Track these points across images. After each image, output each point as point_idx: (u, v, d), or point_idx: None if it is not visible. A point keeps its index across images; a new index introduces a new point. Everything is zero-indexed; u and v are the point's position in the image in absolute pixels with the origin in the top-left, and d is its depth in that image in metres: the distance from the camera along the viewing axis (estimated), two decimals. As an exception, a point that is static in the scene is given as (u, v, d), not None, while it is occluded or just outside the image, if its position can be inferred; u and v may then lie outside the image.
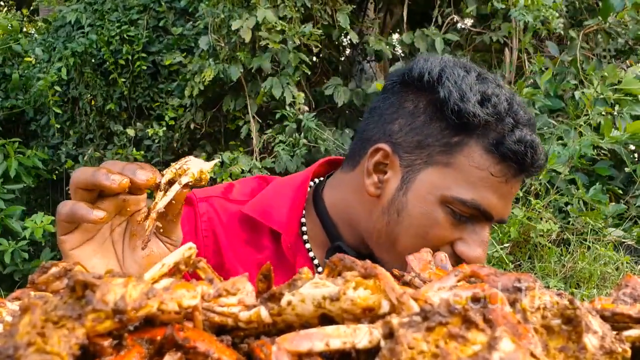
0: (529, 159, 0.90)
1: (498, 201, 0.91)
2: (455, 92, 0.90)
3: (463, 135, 0.92)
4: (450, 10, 4.59)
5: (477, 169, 0.90)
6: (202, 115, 4.77)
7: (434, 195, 0.92)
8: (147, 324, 0.41)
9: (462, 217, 0.91)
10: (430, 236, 0.92)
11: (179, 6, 5.11)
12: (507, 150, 0.89)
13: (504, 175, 0.90)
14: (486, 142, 0.90)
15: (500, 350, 0.35)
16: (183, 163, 0.69)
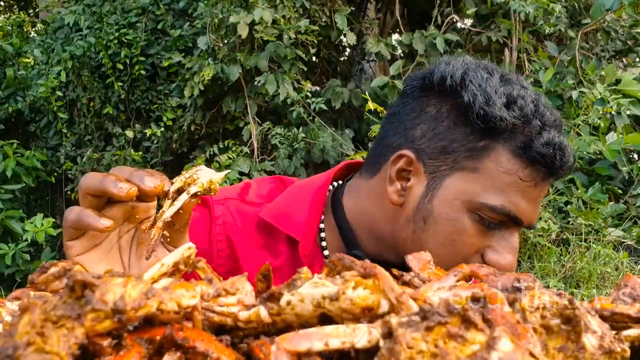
0: (558, 162, 0.88)
1: (527, 206, 0.88)
2: (480, 96, 0.88)
3: (490, 139, 0.89)
4: (449, 10, 4.60)
5: (505, 173, 0.88)
6: (201, 115, 4.77)
7: (461, 201, 0.89)
8: (147, 324, 0.41)
9: (491, 224, 0.88)
10: (459, 244, 0.89)
11: (178, 7, 5.11)
12: (536, 154, 0.87)
13: (533, 179, 0.88)
14: (514, 145, 0.88)
15: (499, 350, 0.35)
16: (193, 172, 0.68)
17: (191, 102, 4.65)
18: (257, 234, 1.03)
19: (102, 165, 5.16)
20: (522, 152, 0.88)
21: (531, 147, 0.87)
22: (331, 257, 0.48)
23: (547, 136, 0.88)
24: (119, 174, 0.66)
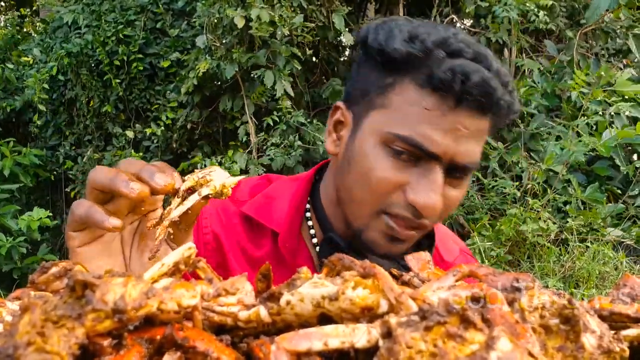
0: (458, 86, 0.84)
1: (441, 137, 0.85)
2: (382, 34, 0.90)
3: (395, 75, 0.90)
4: (448, 9, 4.60)
5: (411, 105, 0.87)
6: (198, 114, 4.78)
7: (374, 136, 0.90)
8: (147, 324, 0.41)
9: (405, 157, 0.87)
10: (374, 180, 0.88)
11: (177, 7, 5.11)
12: (437, 81, 0.85)
13: (439, 107, 0.86)
14: (418, 77, 0.87)
15: (498, 349, 0.35)
16: (207, 173, 0.66)
17: (187, 99, 4.66)
18: (241, 228, 1.04)
19: (103, 164, 5.16)
20: (426, 82, 0.86)
21: (432, 75, 0.85)
22: (330, 258, 0.48)
23: (450, 64, 0.85)
24: (128, 168, 0.64)
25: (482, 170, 3.96)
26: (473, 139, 0.88)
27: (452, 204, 0.92)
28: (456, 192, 0.92)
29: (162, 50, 5.04)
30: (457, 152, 0.87)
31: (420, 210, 0.86)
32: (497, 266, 3.23)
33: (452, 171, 0.89)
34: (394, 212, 0.89)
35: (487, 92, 0.84)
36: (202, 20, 4.39)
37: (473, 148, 0.88)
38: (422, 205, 0.86)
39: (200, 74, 4.19)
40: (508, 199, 3.56)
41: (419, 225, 0.90)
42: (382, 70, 0.91)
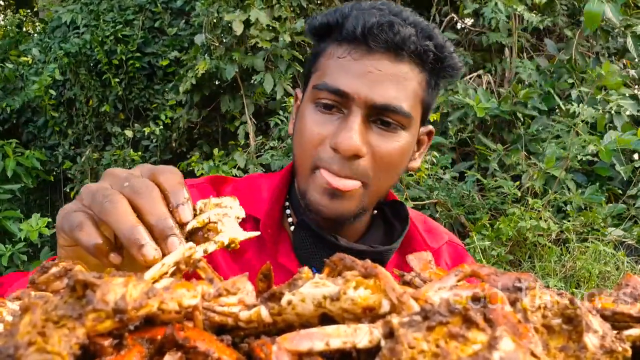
0: (360, 30, 0.91)
1: (354, 79, 0.91)
2: (318, 16, 1.01)
3: (322, 42, 0.99)
4: (447, 8, 4.60)
5: (329, 59, 0.96)
6: (197, 113, 4.78)
7: (308, 100, 0.98)
8: (148, 324, 0.41)
9: (328, 108, 0.93)
10: (304, 138, 0.95)
11: (175, 6, 5.12)
12: (345, 32, 0.93)
13: (351, 54, 0.93)
14: (336, 37, 0.96)
15: (501, 349, 0.35)
16: (218, 217, 0.59)
17: (186, 98, 4.66)
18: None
19: (102, 165, 5.16)
20: (339, 37, 0.95)
21: (342, 29, 0.94)
22: (332, 257, 0.48)
23: (356, 14, 0.94)
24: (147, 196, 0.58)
25: (482, 170, 3.96)
26: (390, 82, 0.92)
27: (389, 158, 0.94)
28: (389, 145, 0.94)
29: (160, 49, 5.04)
30: (372, 93, 0.91)
31: (341, 151, 0.91)
32: (499, 266, 3.23)
33: (375, 116, 0.93)
34: (323, 164, 0.93)
35: (391, 35, 0.91)
36: (201, 19, 4.40)
37: (391, 90, 0.92)
38: (339, 145, 0.90)
39: (199, 74, 4.19)
40: (508, 199, 3.57)
41: (350, 172, 0.92)
42: (314, 43, 1.02)
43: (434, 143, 3.86)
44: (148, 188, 0.58)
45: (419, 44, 0.93)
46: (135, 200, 0.57)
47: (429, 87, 0.98)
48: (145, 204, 0.57)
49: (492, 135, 4.21)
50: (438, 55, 0.95)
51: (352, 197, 0.94)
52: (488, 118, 3.95)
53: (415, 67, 0.94)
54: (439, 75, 0.99)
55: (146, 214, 0.57)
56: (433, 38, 0.95)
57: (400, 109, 0.92)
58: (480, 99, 3.92)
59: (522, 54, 4.52)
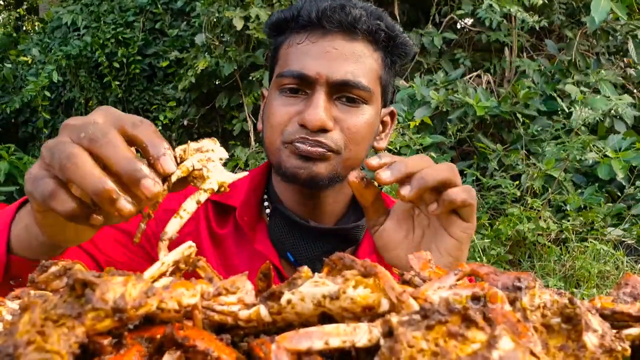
0: (314, 14, 0.99)
1: (313, 61, 0.98)
2: (274, 14, 1.07)
3: (280, 35, 1.06)
4: (447, 8, 4.60)
5: (289, 47, 1.02)
6: (195, 111, 4.78)
7: (272, 90, 1.03)
8: (147, 323, 0.41)
9: (292, 91, 0.99)
10: (273, 120, 1.00)
11: (176, 7, 5.11)
12: (301, 19, 1.01)
13: (308, 38, 1.00)
14: (293, 28, 1.03)
15: (500, 348, 0.35)
16: (204, 162, 0.56)
17: (184, 96, 4.67)
18: (211, 210, 1.11)
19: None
20: (296, 26, 1.02)
21: (298, 18, 1.01)
22: (331, 257, 0.48)
23: (309, 2, 1.01)
24: (117, 146, 0.54)
25: (481, 170, 3.96)
26: (348, 59, 0.99)
27: (356, 129, 1.00)
28: (355, 118, 1.00)
29: (161, 50, 5.04)
30: (331, 71, 0.97)
31: (308, 126, 0.96)
32: (498, 265, 3.23)
33: (337, 93, 0.99)
34: (292, 138, 0.98)
35: (343, 15, 0.98)
36: (201, 19, 4.41)
37: (349, 67, 0.98)
38: (306, 120, 0.95)
39: (198, 72, 4.21)
40: (508, 198, 3.56)
41: (318, 142, 0.97)
42: (274, 39, 1.07)
43: (433, 142, 3.85)
44: (106, 134, 0.54)
45: (370, 23, 1.00)
46: (94, 150, 0.53)
47: (385, 65, 1.05)
48: (106, 151, 0.53)
49: (492, 135, 4.21)
50: (389, 34, 1.02)
51: (325, 160, 0.99)
52: (488, 117, 3.95)
53: (370, 45, 1.01)
54: (393, 54, 1.05)
55: (109, 163, 0.53)
56: (383, 19, 1.03)
57: (359, 84, 0.98)
58: (480, 98, 3.92)
59: (522, 53, 4.52)
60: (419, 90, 4.06)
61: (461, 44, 4.71)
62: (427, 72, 4.60)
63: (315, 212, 1.08)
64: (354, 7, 0.99)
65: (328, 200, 1.08)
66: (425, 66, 4.61)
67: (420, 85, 4.13)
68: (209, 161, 0.57)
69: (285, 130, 0.99)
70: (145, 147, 0.55)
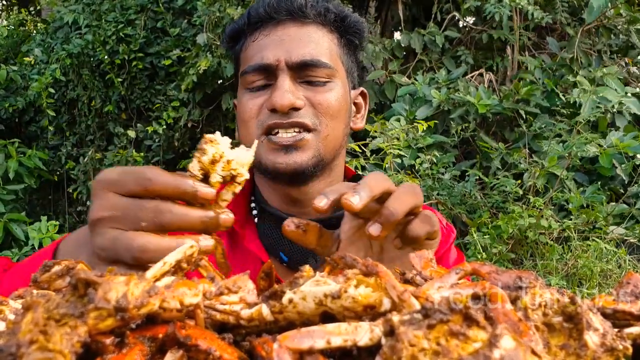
0: (262, 9, 1.02)
1: (271, 50, 1.00)
2: (227, 28, 1.12)
3: (240, 40, 1.08)
4: (448, 6, 4.59)
5: (247, 48, 1.05)
6: (199, 112, 4.78)
7: (240, 90, 1.06)
8: (149, 322, 0.41)
9: (257, 84, 1.01)
10: (244, 115, 1.02)
11: (177, 6, 5.11)
12: (252, 18, 1.04)
13: (262, 33, 1.03)
14: (249, 30, 1.06)
15: (501, 347, 0.35)
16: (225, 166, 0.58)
17: (188, 96, 4.67)
18: None
19: (104, 165, 5.17)
20: (250, 27, 1.05)
21: (249, 20, 1.05)
22: (333, 256, 0.48)
23: (256, 2, 1.05)
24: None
25: (484, 169, 3.95)
26: (303, 42, 1.01)
27: (328, 104, 1.01)
28: (324, 95, 1.01)
29: (163, 49, 5.04)
30: (290, 55, 0.99)
31: (277, 108, 0.97)
32: (500, 264, 3.22)
33: (301, 77, 1.01)
34: (265, 126, 0.99)
35: (289, 3, 1.01)
36: (202, 18, 4.41)
37: (306, 48, 1.01)
38: (275, 103, 0.97)
39: (200, 71, 4.21)
40: (510, 197, 3.56)
41: (293, 123, 0.98)
42: (233, 51, 1.10)
43: (436, 142, 3.85)
44: (168, 212, 0.57)
45: (318, 7, 1.03)
46: (170, 229, 0.58)
47: (341, 45, 1.07)
48: (181, 224, 0.57)
49: (494, 133, 4.21)
50: (338, 14, 1.05)
51: (305, 146, 0.99)
52: (490, 115, 3.95)
53: (322, 27, 1.04)
54: (348, 33, 1.07)
55: (191, 228, 0.58)
56: (329, 1, 1.06)
57: (319, 61, 1.00)
58: (482, 96, 3.92)
59: (524, 52, 4.51)
60: (421, 89, 4.05)
61: (463, 42, 4.70)
62: (429, 70, 4.60)
63: (303, 209, 1.06)
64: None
65: (314, 195, 1.06)
66: (428, 64, 4.60)
67: (422, 83, 4.12)
68: (229, 163, 0.59)
69: (258, 121, 1.00)
70: (179, 193, 0.58)
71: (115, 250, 0.56)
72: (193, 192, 0.57)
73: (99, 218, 0.58)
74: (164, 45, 5.03)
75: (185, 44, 4.93)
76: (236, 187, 0.60)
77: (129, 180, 0.58)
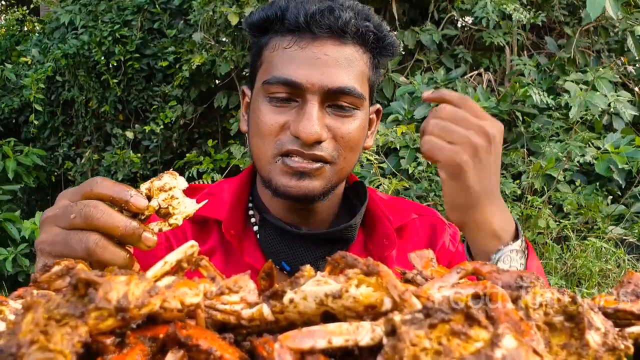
0: (302, 19, 0.94)
1: (303, 68, 0.94)
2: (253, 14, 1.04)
3: (264, 35, 1.01)
4: (445, 4, 4.59)
5: (275, 51, 0.98)
6: (192, 109, 4.79)
7: (259, 94, 0.99)
8: (150, 322, 0.41)
9: (282, 99, 0.95)
10: (262, 127, 0.97)
11: (174, 6, 5.11)
12: (288, 22, 0.96)
13: (297, 43, 0.96)
14: (279, 29, 0.98)
15: (503, 347, 0.35)
16: (168, 199, 0.63)
17: (182, 93, 4.68)
18: (188, 227, 1.07)
19: (102, 166, 5.17)
20: (282, 29, 0.98)
21: (284, 20, 0.97)
22: (334, 256, 0.48)
23: (295, 5, 0.97)
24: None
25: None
26: (339, 65, 0.95)
27: (350, 137, 0.98)
28: (348, 126, 0.98)
29: (159, 50, 5.03)
30: (324, 79, 0.94)
31: (302, 139, 0.93)
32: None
33: (329, 101, 0.96)
34: (284, 150, 0.95)
35: (333, 19, 0.94)
36: (197, 18, 4.42)
37: (341, 73, 0.95)
38: (301, 133, 0.92)
39: (194, 67, 4.21)
40: (509, 197, 3.56)
41: (313, 156, 0.95)
42: (255, 39, 1.03)
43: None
44: (95, 207, 0.62)
45: (360, 26, 0.97)
46: (93, 225, 0.62)
47: (373, 66, 1.02)
48: (105, 222, 0.62)
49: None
50: (378, 35, 1.00)
51: (319, 175, 0.96)
52: (487, 117, 3.94)
53: (359, 48, 0.99)
54: (381, 54, 1.03)
55: (111, 230, 0.62)
56: (371, 19, 1.00)
57: (354, 91, 0.96)
58: (479, 97, 3.92)
59: (523, 52, 4.51)
60: (419, 89, 4.05)
61: (462, 42, 4.71)
62: (427, 70, 4.60)
63: (307, 220, 1.05)
64: (342, 10, 0.96)
65: (319, 209, 1.05)
66: (426, 64, 4.61)
67: (420, 83, 4.12)
68: (173, 199, 0.63)
69: (278, 141, 0.96)
70: (113, 199, 0.63)
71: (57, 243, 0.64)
72: (127, 199, 0.62)
73: (45, 217, 0.66)
74: (160, 46, 5.03)
75: (182, 44, 4.93)
76: (165, 225, 0.63)
77: (79, 187, 0.66)
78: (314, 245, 1.02)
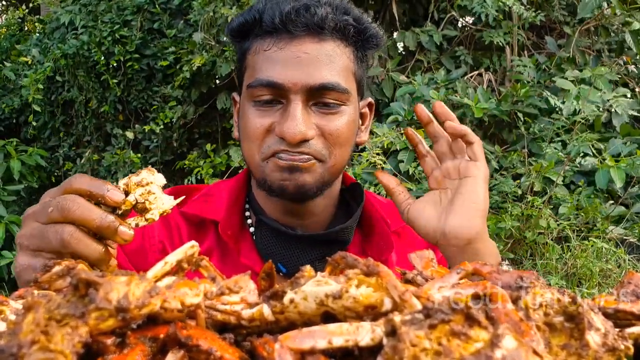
0: (278, 18, 0.94)
1: (286, 69, 0.93)
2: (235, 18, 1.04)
3: (245, 40, 1.01)
4: (445, 4, 4.59)
5: (256, 54, 0.98)
6: (193, 110, 4.79)
7: (245, 99, 0.99)
8: (150, 322, 0.41)
9: (266, 101, 0.95)
10: (249, 131, 0.97)
11: (174, 6, 5.11)
12: (265, 24, 0.96)
13: (275, 44, 0.95)
14: (258, 32, 0.98)
15: (503, 347, 0.35)
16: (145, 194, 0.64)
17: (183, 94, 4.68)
18: (185, 228, 1.07)
19: (102, 166, 5.17)
20: (261, 31, 0.97)
21: (262, 23, 0.97)
22: (334, 256, 0.48)
23: (270, 6, 0.97)
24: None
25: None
26: (320, 62, 0.94)
27: (338, 134, 0.97)
28: (336, 122, 0.97)
29: (159, 50, 5.03)
30: (305, 77, 0.93)
31: (287, 139, 0.93)
32: (499, 264, 3.22)
33: (314, 99, 0.95)
34: (271, 152, 0.95)
35: (309, 17, 0.94)
36: (197, 18, 4.42)
37: (323, 70, 0.94)
38: (285, 134, 0.92)
39: (194, 68, 4.21)
40: (509, 198, 3.56)
41: (302, 152, 0.94)
42: (239, 44, 1.03)
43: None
44: (72, 200, 0.63)
45: (338, 20, 0.96)
46: (69, 217, 0.63)
47: (357, 60, 1.01)
48: (80, 214, 0.63)
49: (493, 135, 4.21)
50: (358, 28, 0.98)
51: (311, 170, 0.96)
52: (486, 119, 3.94)
53: (340, 42, 0.97)
54: (365, 47, 1.02)
55: (87, 223, 0.62)
56: (350, 12, 0.99)
57: (337, 86, 0.95)
58: (480, 98, 3.91)
59: (523, 51, 4.51)
60: (419, 89, 4.05)
61: (463, 42, 4.71)
62: (428, 70, 4.60)
63: (303, 222, 1.05)
64: (318, 6, 0.95)
65: (316, 210, 1.05)
66: (426, 65, 4.60)
67: (420, 83, 4.12)
68: (150, 194, 0.64)
69: (264, 144, 0.96)
70: (90, 193, 0.64)
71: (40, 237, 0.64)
72: (103, 193, 0.63)
73: (26, 214, 0.68)
74: (160, 46, 5.03)
75: (182, 44, 4.93)
76: (141, 220, 0.64)
77: (60, 185, 0.67)
78: (309, 247, 1.02)
